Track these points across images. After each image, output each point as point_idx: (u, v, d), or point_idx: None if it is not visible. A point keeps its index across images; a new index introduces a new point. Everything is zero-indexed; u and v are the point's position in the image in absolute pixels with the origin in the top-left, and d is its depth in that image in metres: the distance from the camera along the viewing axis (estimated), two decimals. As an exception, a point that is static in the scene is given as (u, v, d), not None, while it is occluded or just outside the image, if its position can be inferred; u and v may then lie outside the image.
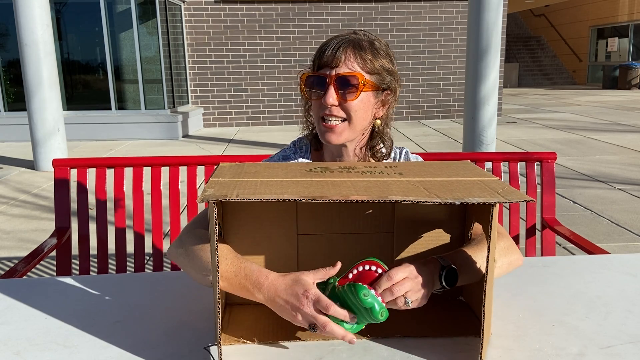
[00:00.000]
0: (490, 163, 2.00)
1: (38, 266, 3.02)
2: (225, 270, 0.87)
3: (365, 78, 1.10)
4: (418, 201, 0.74)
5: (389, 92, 1.17)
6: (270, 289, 0.84)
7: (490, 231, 0.78)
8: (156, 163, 1.91)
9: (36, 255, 1.66)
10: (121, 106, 8.68)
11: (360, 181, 0.85)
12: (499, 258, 0.96)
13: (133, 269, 1.93)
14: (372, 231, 1.00)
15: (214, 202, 0.76)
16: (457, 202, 0.74)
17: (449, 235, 1.02)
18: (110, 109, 8.62)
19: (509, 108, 11.92)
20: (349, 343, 0.82)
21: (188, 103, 9.67)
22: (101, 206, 1.88)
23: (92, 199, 1.85)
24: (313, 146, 1.26)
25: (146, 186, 1.88)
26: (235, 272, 0.86)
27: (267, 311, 0.97)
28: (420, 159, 1.30)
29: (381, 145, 1.23)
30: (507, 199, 0.75)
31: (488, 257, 0.80)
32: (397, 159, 1.27)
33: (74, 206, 1.87)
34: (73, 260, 1.95)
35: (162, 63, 8.51)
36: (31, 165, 6.25)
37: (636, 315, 0.97)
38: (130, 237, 1.91)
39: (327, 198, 0.75)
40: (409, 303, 0.83)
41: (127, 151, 7.30)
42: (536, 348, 0.86)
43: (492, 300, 0.89)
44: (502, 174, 1.99)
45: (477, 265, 0.91)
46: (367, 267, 0.84)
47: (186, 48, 9.45)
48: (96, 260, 1.93)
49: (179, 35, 9.30)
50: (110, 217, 2.13)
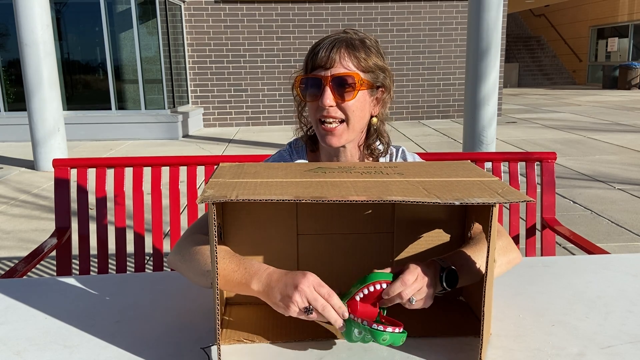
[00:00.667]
0: (490, 163, 2.00)
1: (38, 266, 3.02)
2: (223, 268, 0.87)
3: (361, 77, 1.10)
4: (418, 202, 0.74)
5: (383, 90, 1.17)
6: (268, 277, 0.84)
7: (490, 231, 0.78)
8: (156, 163, 1.91)
9: (36, 255, 1.66)
10: (121, 106, 8.68)
11: (360, 181, 0.85)
12: (498, 257, 0.96)
13: (133, 269, 1.93)
14: (372, 231, 1.00)
15: (214, 203, 0.76)
16: (457, 203, 0.74)
17: (449, 235, 1.02)
18: (110, 109, 8.62)
19: (509, 108, 11.92)
20: (339, 329, 0.83)
21: (188, 103, 9.67)
22: (101, 206, 1.88)
23: (92, 199, 1.85)
24: (309, 147, 1.26)
25: (146, 186, 1.88)
26: (233, 269, 0.86)
27: (267, 311, 0.97)
28: (417, 158, 1.30)
29: (378, 142, 1.23)
30: (507, 199, 0.75)
31: (488, 257, 0.80)
32: (395, 158, 1.26)
33: (74, 206, 1.87)
34: (73, 260, 1.95)
35: (162, 63, 8.51)
36: (31, 165, 6.25)
37: (636, 315, 0.97)
38: (130, 237, 1.91)
39: (327, 198, 0.75)
40: (413, 301, 0.84)
41: (127, 151, 7.30)
42: (536, 348, 0.86)
43: (492, 300, 0.89)
44: (502, 174, 1.99)
45: (477, 265, 0.92)
46: (372, 288, 0.85)
47: (186, 48, 9.45)
48: (96, 260, 1.93)
49: (179, 35, 9.30)
50: (110, 217, 2.13)
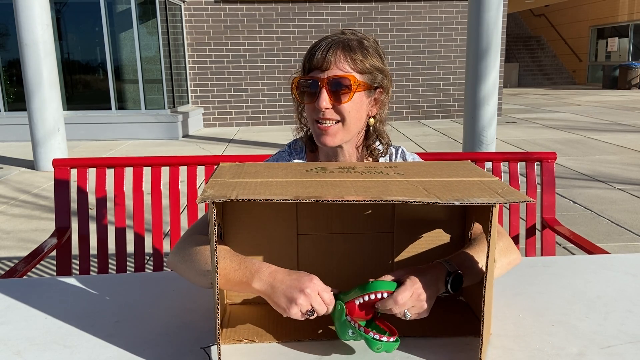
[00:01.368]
0: (490, 163, 2.00)
1: (38, 266, 3.02)
2: (223, 267, 0.87)
3: (357, 79, 1.09)
4: (418, 202, 0.74)
5: (381, 91, 1.17)
6: (271, 276, 0.84)
7: (490, 231, 0.78)
8: (156, 163, 1.91)
9: (36, 255, 1.66)
10: (121, 106, 8.68)
11: (360, 181, 0.85)
12: (499, 258, 0.96)
13: (133, 269, 1.93)
14: (372, 231, 1.00)
15: (214, 203, 0.76)
16: (457, 203, 0.74)
17: (449, 235, 1.02)
18: (110, 109, 8.62)
19: (509, 108, 11.92)
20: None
21: (188, 103, 9.67)
22: (101, 206, 1.88)
23: (92, 199, 1.85)
24: (308, 148, 1.26)
25: (146, 186, 1.88)
26: (234, 268, 0.86)
27: (267, 311, 0.97)
28: (417, 158, 1.30)
29: (377, 143, 1.23)
30: (507, 200, 0.75)
31: (488, 258, 0.80)
32: (394, 158, 1.26)
33: (74, 206, 1.87)
34: (73, 260, 1.95)
35: (162, 63, 8.51)
36: (31, 165, 6.25)
37: (636, 315, 0.97)
38: (130, 237, 1.91)
39: (327, 198, 0.75)
40: (407, 316, 0.84)
41: (127, 151, 7.30)
42: (536, 348, 0.86)
43: (492, 300, 0.89)
44: (502, 174, 1.99)
45: (480, 266, 0.92)
46: (373, 297, 0.85)
47: (186, 48, 9.45)
48: (96, 260, 1.93)
49: (179, 35, 9.30)
50: (110, 217, 2.13)
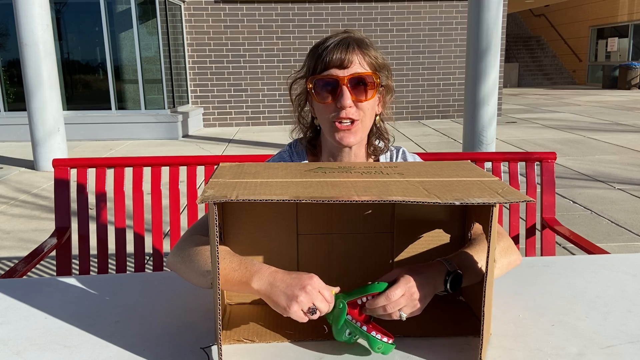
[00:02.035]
0: (490, 163, 2.00)
1: (38, 266, 3.02)
2: (223, 267, 0.87)
3: (378, 76, 1.11)
4: (418, 202, 0.74)
5: (386, 88, 1.18)
6: (271, 275, 0.84)
7: (490, 231, 0.78)
8: (156, 163, 1.91)
9: (36, 255, 1.66)
10: (121, 106, 8.68)
11: (360, 181, 0.85)
12: (499, 259, 0.96)
13: (133, 269, 1.93)
14: (372, 231, 1.00)
15: (214, 203, 0.76)
16: (457, 203, 0.74)
17: (449, 235, 1.02)
18: (110, 109, 8.62)
19: (509, 108, 11.92)
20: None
21: (188, 103, 9.67)
22: (101, 206, 1.88)
23: (92, 199, 1.85)
24: (309, 148, 1.25)
25: (146, 186, 1.88)
26: (233, 268, 0.86)
27: (267, 311, 0.97)
28: (417, 158, 1.30)
29: (378, 141, 1.23)
30: (507, 199, 0.75)
31: (488, 258, 0.80)
32: (395, 158, 1.27)
33: (74, 206, 1.87)
34: (73, 260, 1.95)
35: (162, 63, 8.51)
36: (31, 165, 6.25)
37: (636, 315, 0.97)
38: (130, 237, 1.91)
39: (327, 198, 0.75)
40: (403, 317, 0.84)
41: (127, 151, 7.30)
42: (536, 348, 0.86)
43: (492, 300, 0.89)
44: (502, 174, 1.99)
45: (479, 266, 0.92)
46: (371, 298, 0.85)
47: (186, 48, 9.44)
48: (96, 260, 1.93)
49: (179, 35, 9.30)
50: (110, 217, 2.13)
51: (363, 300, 0.85)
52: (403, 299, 0.83)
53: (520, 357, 0.84)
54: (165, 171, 1.94)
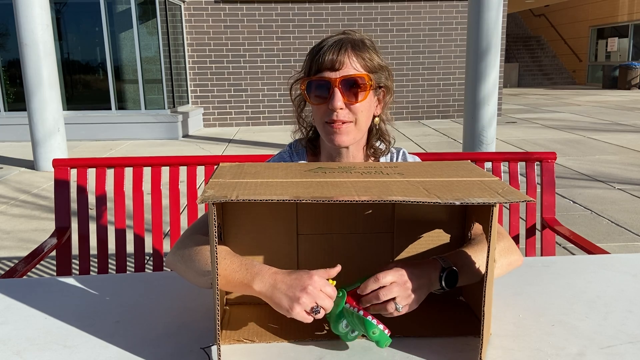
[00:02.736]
0: (490, 163, 2.00)
1: (38, 266, 3.02)
2: (223, 268, 0.86)
3: (370, 77, 1.10)
4: (418, 201, 0.74)
5: (385, 90, 1.17)
6: (272, 277, 0.83)
7: (490, 231, 0.78)
8: (156, 163, 1.91)
9: (36, 255, 1.66)
10: (121, 106, 8.68)
11: (360, 181, 0.85)
12: (499, 259, 0.96)
13: (133, 269, 1.93)
14: (372, 231, 1.00)
15: (214, 204, 0.76)
16: (457, 203, 0.74)
17: (449, 235, 1.02)
18: (110, 109, 8.62)
19: (509, 108, 11.92)
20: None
21: (188, 103, 9.67)
22: (101, 206, 1.88)
23: (92, 199, 1.85)
24: (309, 149, 1.25)
25: (146, 186, 1.88)
26: (234, 269, 0.86)
27: (267, 311, 0.97)
28: (418, 160, 1.30)
29: (379, 142, 1.23)
30: (507, 199, 0.75)
31: (488, 257, 0.80)
32: (395, 159, 1.27)
33: (74, 206, 1.87)
34: (73, 260, 1.95)
35: (162, 63, 8.51)
36: (31, 165, 6.25)
37: (636, 315, 0.97)
38: (130, 237, 1.91)
39: (327, 198, 0.75)
40: (400, 309, 0.83)
41: (127, 151, 7.30)
42: (536, 348, 0.86)
43: (492, 300, 0.89)
44: (502, 174, 1.99)
45: (477, 265, 0.91)
46: None
47: (186, 48, 9.44)
48: (96, 260, 1.93)
49: (179, 35, 9.30)
50: (110, 217, 2.13)
51: (358, 291, 0.85)
52: (395, 287, 0.83)
53: (520, 357, 0.84)
54: (165, 171, 1.94)
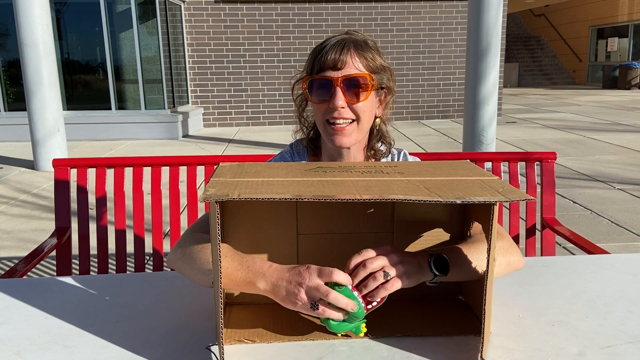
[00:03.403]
0: (490, 163, 2.00)
1: (38, 266, 3.02)
2: (225, 266, 0.87)
3: (372, 77, 1.10)
4: (419, 200, 0.74)
5: (387, 91, 1.17)
6: (273, 274, 0.85)
7: (490, 230, 0.78)
8: (156, 163, 1.91)
9: (36, 255, 1.66)
10: (121, 106, 8.68)
11: (360, 180, 0.85)
12: (498, 257, 0.95)
13: (133, 269, 1.93)
14: (372, 230, 1.00)
15: (216, 202, 0.76)
16: (458, 201, 0.74)
17: (449, 234, 1.02)
18: (110, 109, 8.62)
19: (509, 108, 11.92)
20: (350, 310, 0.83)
21: (188, 103, 9.67)
22: (101, 206, 1.88)
23: (92, 199, 1.85)
24: (310, 149, 1.25)
25: (146, 186, 1.88)
26: (236, 267, 0.87)
27: (268, 311, 0.97)
28: (418, 160, 1.30)
29: (380, 144, 1.23)
30: (508, 198, 0.75)
31: (488, 256, 0.80)
32: (396, 160, 1.27)
33: (74, 206, 1.87)
34: (73, 260, 1.95)
35: (162, 63, 8.51)
36: (31, 165, 6.25)
37: (636, 315, 0.97)
38: (130, 237, 1.91)
39: (328, 197, 0.75)
40: (389, 275, 0.83)
41: (127, 151, 7.30)
42: (536, 348, 0.86)
43: (492, 299, 0.89)
44: (502, 174, 1.99)
45: (471, 260, 0.91)
46: None
47: (186, 48, 9.44)
48: (96, 260, 1.93)
49: (179, 35, 9.30)
50: (110, 217, 2.13)
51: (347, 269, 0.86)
52: (381, 259, 0.84)
53: (520, 357, 0.84)
54: (165, 171, 1.94)
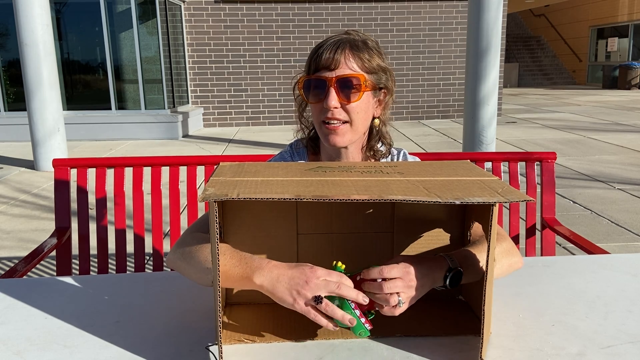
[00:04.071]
0: (490, 163, 2.00)
1: (38, 266, 3.02)
2: (223, 263, 0.86)
3: (366, 78, 1.09)
4: (418, 201, 0.74)
5: (386, 92, 1.17)
6: (273, 270, 0.83)
7: (490, 231, 0.78)
8: (156, 163, 1.91)
9: (36, 255, 1.66)
10: (121, 106, 8.68)
11: (360, 180, 0.85)
12: (501, 259, 0.95)
13: (133, 269, 1.93)
14: (372, 230, 1.00)
15: (215, 201, 0.76)
16: (457, 202, 0.74)
17: (449, 234, 1.02)
18: (110, 109, 8.62)
19: (509, 108, 11.92)
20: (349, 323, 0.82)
21: (188, 103, 9.67)
22: (101, 206, 1.88)
23: (92, 199, 1.85)
24: (310, 148, 1.25)
25: (146, 186, 1.88)
26: (234, 264, 0.86)
27: (268, 311, 0.97)
28: (417, 160, 1.30)
29: (380, 144, 1.23)
30: (507, 199, 0.75)
31: (488, 256, 0.80)
32: (395, 160, 1.27)
33: (74, 206, 1.87)
34: (73, 260, 1.95)
35: (162, 63, 8.51)
36: (31, 165, 6.25)
37: (636, 315, 0.97)
38: (130, 237, 1.91)
39: (328, 197, 0.75)
40: (401, 303, 0.83)
41: (127, 151, 7.30)
42: (536, 348, 0.86)
43: (492, 299, 0.89)
44: (502, 174, 1.99)
45: (480, 265, 0.91)
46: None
47: (186, 48, 9.44)
48: (96, 260, 1.93)
49: (179, 35, 9.30)
50: (110, 217, 2.13)
51: (359, 278, 0.85)
52: (400, 282, 0.83)
53: (520, 357, 0.84)
54: (165, 171, 1.94)
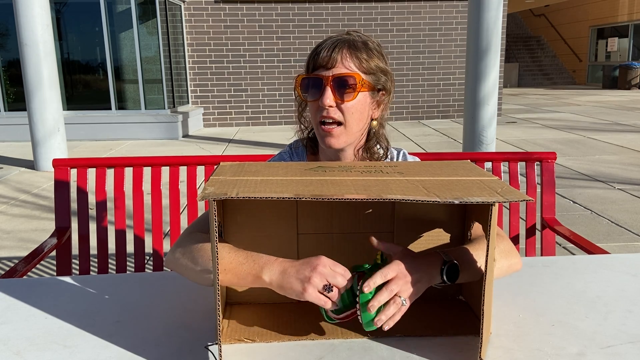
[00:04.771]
0: (490, 163, 2.00)
1: (38, 266, 3.02)
2: (229, 262, 0.86)
3: (362, 78, 1.09)
4: (417, 200, 0.74)
5: (384, 93, 1.16)
6: (281, 264, 0.85)
7: (489, 230, 0.78)
8: (156, 163, 1.91)
9: (36, 255, 1.66)
10: (121, 106, 8.68)
11: (360, 180, 0.85)
12: (500, 260, 0.95)
13: (133, 269, 1.93)
14: (372, 230, 1.00)
15: (214, 201, 0.76)
16: (457, 202, 0.74)
17: (449, 234, 1.02)
18: (110, 109, 8.62)
19: (509, 108, 11.92)
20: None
21: (188, 103, 9.67)
22: (101, 206, 1.88)
23: (92, 199, 1.85)
24: (309, 149, 1.25)
25: (146, 186, 1.88)
26: (240, 261, 0.86)
27: (267, 311, 0.97)
28: (417, 160, 1.30)
29: (377, 146, 1.22)
30: (507, 199, 0.75)
31: (487, 256, 0.80)
32: (395, 160, 1.26)
33: (74, 206, 1.87)
34: (73, 260, 1.95)
35: (162, 63, 8.51)
36: (31, 165, 6.25)
37: (636, 315, 0.97)
38: (130, 237, 1.91)
39: (327, 197, 0.75)
40: (404, 302, 0.83)
41: (127, 151, 7.30)
42: (536, 348, 0.86)
43: (492, 299, 0.89)
44: (502, 174, 1.99)
45: (478, 264, 0.91)
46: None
47: (186, 48, 9.44)
48: (96, 260, 1.93)
49: (179, 35, 9.30)
50: (110, 217, 2.13)
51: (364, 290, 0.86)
52: (398, 281, 0.83)
53: (520, 357, 0.84)
54: (165, 171, 1.94)
